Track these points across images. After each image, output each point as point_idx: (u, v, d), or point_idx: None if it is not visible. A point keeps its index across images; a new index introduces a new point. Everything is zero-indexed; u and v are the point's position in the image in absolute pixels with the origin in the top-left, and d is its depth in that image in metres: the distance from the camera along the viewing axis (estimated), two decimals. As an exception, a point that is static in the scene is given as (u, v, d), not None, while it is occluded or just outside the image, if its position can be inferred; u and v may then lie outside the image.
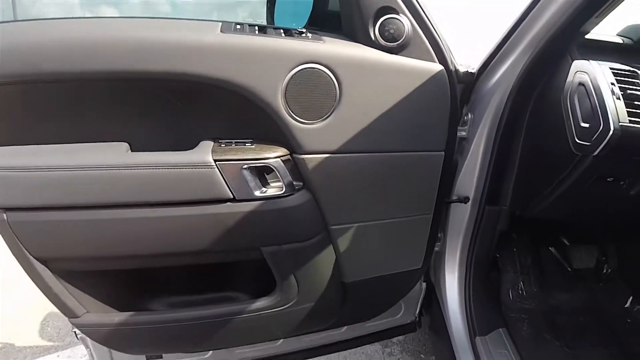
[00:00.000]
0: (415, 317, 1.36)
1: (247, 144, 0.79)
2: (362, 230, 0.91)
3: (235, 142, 0.80)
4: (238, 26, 0.76)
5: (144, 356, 1.15)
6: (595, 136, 0.78)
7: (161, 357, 1.15)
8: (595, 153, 0.79)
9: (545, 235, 1.40)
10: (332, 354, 1.70)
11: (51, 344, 1.94)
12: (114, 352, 1.13)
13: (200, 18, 0.79)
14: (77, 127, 0.77)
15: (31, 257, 0.78)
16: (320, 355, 1.52)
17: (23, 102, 0.73)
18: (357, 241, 0.92)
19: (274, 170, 0.78)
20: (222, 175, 0.75)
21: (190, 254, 0.84)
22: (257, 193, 0.78)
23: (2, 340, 2.01)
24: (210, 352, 1.16)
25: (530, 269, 1.34)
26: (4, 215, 0.73)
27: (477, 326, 1.10)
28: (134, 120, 0.79)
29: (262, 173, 0.78)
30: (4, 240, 0.77)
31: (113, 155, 0.75)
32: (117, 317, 0.89)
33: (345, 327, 1.27)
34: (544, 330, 1.19)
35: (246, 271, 1.06)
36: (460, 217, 1.07)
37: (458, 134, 0.94)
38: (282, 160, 0.79)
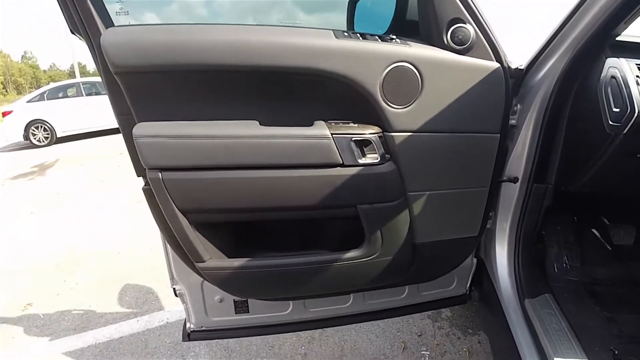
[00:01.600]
0: (466, 290, 1.49)
1: (348, 123, 0.97)
2: (431, 198, 1.08)
3: (342, 121, 0.97)
4: (345, 34, 0.94)
5: (233, 309, 1.32)
6: (624, 118, 0.94)
7: (248, 312, 1.32)
8: (625, 131, 0.95)
9: (586, 214, 1.49)
10: (390, 330, 1.85)
11: (130, 310, 2.15)
12: (208, 307, 1.31)
13: (237, 22, 0.93)
14: (219, 108, 0.94)
15: (176, 209, 0.96)
16: (382, 319, 1.67)
17: (181, 87, 0.91)
18: (427, 207, 1.08)
19: (371, 143, 0.96)
20: (336, 145, 0.93)
21: (303, 208, 1.02)
22: (359, 160, 0.95)
23: (83, 307, 2.23)
24: (290, 308, 1.34)
25: (573, 245, 1.44)
26: (160, 174, 0.90)
27: (525, 290, 1.23)
28: (263, 103, 0.96)
29: (362, 145, 0.96)
30: (156, 195, 0.94)
31: (250, 128, 0.92)
32: (233, 262, 1.07)
33: (404, 294, 1.41)
34: (585, 297, 1.29)
35: (336, 230, 1.22)
36: (510, 196, 1.21)
37: (509, 122, 1.10)
38: (378, 136, 0.97)
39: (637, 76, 0.96)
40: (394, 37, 0.95)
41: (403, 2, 0.98)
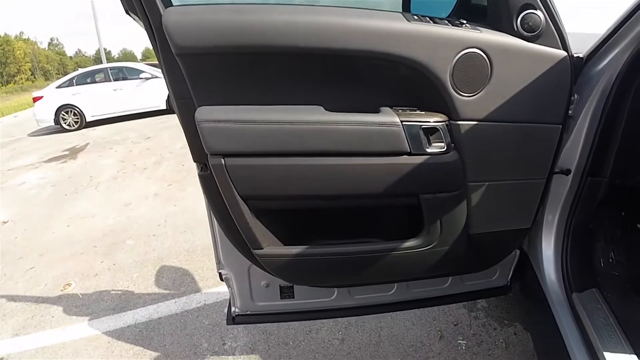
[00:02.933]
0: (508, 282, 1.45)
1: (414, 109, 0.94)
2: (489, 188, 1.04)
3: (408, 108, 0.94)
4: (415, 17, 0.89)
5: (279, 295, 1.31)
6: None
7: (293, 297, 1.32)
8: None
9: (635, 210, 1.44)
10: (426, 318, 1.82)
11: (167, 292, 2.18)
12: (254, 292, 1.31)
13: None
14: (282, 92, 0.91)
15: (237, 196, 0.94)
16: (425, 307, 1.64)
17: (244, 70, 0.88)
18: (484, 197, 1.05)
19: (438, 131, 0.92)
20: (405, 133, 0.89)
21: (366, 197, 0.99)
22: (427, 150, 0.92)
23: (121, 288, 2.28)
24: (335, 294, 1.32)
25: (620, 240, 1.39)
26: (222, 160, 0.89)
27: (573, 284, 1.19)
28: (328, 88, 0.93)
29: (429, 134, 0.92)
30: (218, 181, 0.92)
31: (315, 114, 0.89)
32: (290, 250, 1.05)
33: (448, 283, 1.39)
34: (631, 293, 1.25)
35: (390, 218, 1.19)
36: (561, 188, 1.16)
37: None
38: (445, 125, 0.93)
39: None
40: (464, 21, 0.90)
41: None
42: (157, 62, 0.97)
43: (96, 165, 5.22)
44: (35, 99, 8.29)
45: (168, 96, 6.89)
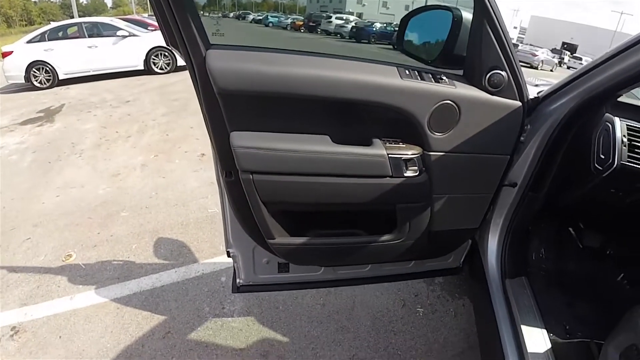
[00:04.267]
0: (460, 264, 1.79)
1: (399, 143, 1.20)
2: (449, 199, 1.33)
3: (393, 140, 1.20)
4: (407, 72, 1.13)
5: (277, 269, 1.60)
6: (605, 164, 1.21)
7: (288, 272, 1.60)
8: (604, 175, 1.21)
9: (567, 218, 1.77)
10: (392, 289, 2.16)
11: (167, 262, 2.40)
12: (256, 267, 1.57)
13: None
14: (298, 124, 1.14)
15: (260, 201, 1.19)
16: (393, 281, 1.99)
17: (270, 106, 1.10)
18: (444, 205, 1.34)
19: (413, 161, 1.19)
20: (389, 162, 1.16)
21: (356, 205, 1.27)
22: (404, 173, 1.19)
23: (122, 259, 2.47)
24: (322, 270, 1.62)
25: (551, 241, 1.72)
26: (251, 176, 1.13)
27: (507, 271, 1.53)
28: (334, 122, 1.18)
29: (407, 162, 1.19)
30: (246, 190, 1.16)
31: (323, 145, 1.14)
32: (296, 240, 1.33)
33: (412, 264, 1.71)
34: (553, 284, 1.59)
35: (372, 219, 1.47)
36: (508, 196, 1.46)
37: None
38: (420, 155, 1.20)
39: (624, 135, 1.20)
40: (444, 77, 1.15)
41: (452, 40, 1.13)
42: (134, 18, 1.14)
43: (76, 130, 5.16)
44: (4, 54, 7.81)
45: (146, 56, 6.72)
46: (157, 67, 8.71)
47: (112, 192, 3.36)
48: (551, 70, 23.34)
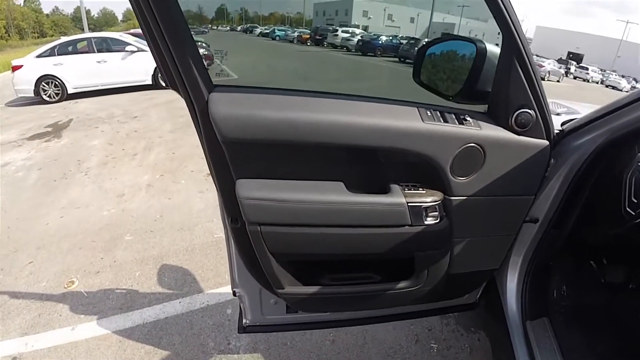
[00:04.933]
0: (476, 300, 1.70)
1: (419, 188, 1.13)
2: (470, 242, 1.26)
3: (412, 184, 1.13)
4: (429, 113, 1.05)
5: (285, 310, 1.51)
6: (638, 210, 1.09)
7: (297, 311, 1.52)
8: (636, 222, 1.11)
9: (589, 253, 1.68)
10: (405, 323, 2.06)
11: (171, 292, 2.33)
12: (263, 307, 1.49)
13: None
14: (309, 169, 1.07)
15: (267, 251, 1.12)
16: (407, 319, 1.89)
17: (278, 152, 1.03)
18: (464, 248, 1.27)
19: (435, 207, 1.11)
20: (408, 211, 1.08)
21: (372, 255, 1.20)
22: (424, 221, 1.11)
23: (125, 287, 2.40)
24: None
25: (573, 277, 1.63)
26: (259, 227, 1.06)
27: (528, 312, 1.44)
28: (348, 168, 1.11)
29: (427, 210, 1.11)
30: (253, 241, 1.08)
31: (336, 194, 1.06)
32: (308, 289, 1.25)
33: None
34: (575, 323, 1.50)
35: (390, 266, 1.39)
36: (529, 233, 1.37)
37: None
38: (441, 202, 1.12)
39: None
40: (468, 117, 1.08)
41: (475, 75, 1.05)
42: (141, 32, 1.08)
43: (83, 146, 5.15)
44: (14, 68, 7.92)
45: (154, 71, 6.73)
46: (164, 82, 8.76)
47: (116, 213, 3.31)
48: (558, 81, 23.18)
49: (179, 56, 0.89)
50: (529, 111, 1.06)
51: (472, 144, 1.06)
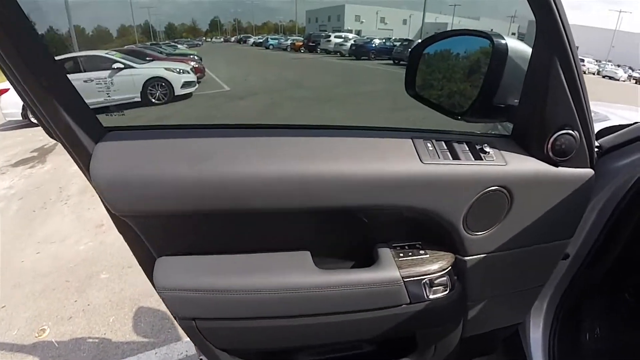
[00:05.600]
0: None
1: (418, 249, 0.82)
2: (488, 302, 0.96)
3: (408, 245, 0.82)
4: (429, 145, 0.74)
5: None
6: None
7: None
8: None
9: (620, 282, 1.40)
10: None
11: (147, 340, 2.04)
12: None
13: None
14: (257, 239, 0.78)
15: (210, 345, 0.82)
16: None
17: (207, 223, 0.74)
18: (481, 309, 0.97)
19: (442, 277, 0.81)
20: (406, 289, 0.78)
21: (360, 342, 0.92)
22: (428, 296, 0.81)
23: (98, 335, 2.12)
24: None
25: (607, 314, 1.35)
26: (194, 322, 0.77)
27: None
28: (316, 232, 0.80)
29: (432, 283, 0.81)
30: (191, 338, 0.81)
31: (300, 272, 0.75)
32: None
33: None
34: None
35: (383, 345, 1.10)
36: (557, 272, 1.07)
37: None
38: (450, 267, 0.81)
39: None
40: (487, 147, 0.77)
41: (493, 82, 0.75)
42: (130, 49, 0.76)
43: (65, 172, 4.88)
44: (1, 92, 7.74)
45: (143, 87, 6.40)
46: (154, 98, 8.53)
47: (93, 247, 3.03)
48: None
49: (42, 95, 0.61)
50: (572, 133, 0.76)
51: (495, 187, 0.76)
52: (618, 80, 28.30)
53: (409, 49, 1.04)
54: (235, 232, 0.77)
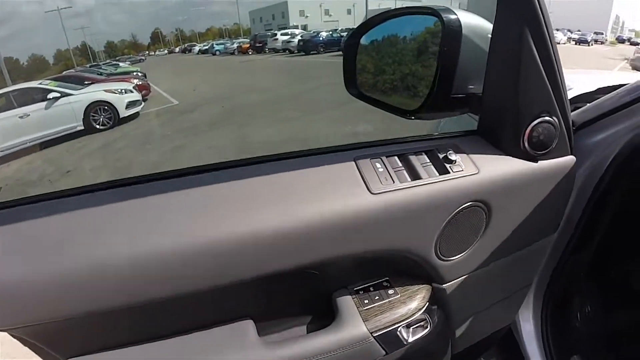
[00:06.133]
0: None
1: (386, 288, 0.68)
2: (474, 317, 0.87)
3: (373, 286, 0.67)
4: (378, 165, 0.58)
5: None
6: None
7: None
8: None
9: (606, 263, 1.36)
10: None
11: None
12: None
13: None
14: (180, 315, 0.60)
15: None
16: None
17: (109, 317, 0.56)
18: (468, 326, 0.87)
19: (419, 315, 0.67)
20: (379, 344, 0.63)
21: None
22: (407, 340, 0.67)
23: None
24: None
25: (596, 291, 1.29)
26: None
27: (554, 355, 1.10)
28: (255, 296, 0.64)
29: (409, 326, 0.67)
30: None
31: (239, 350, 0.58)
32: None
33: None
34: (608, 345, 1.18)
35: None
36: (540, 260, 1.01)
37: None
38: (427, 302, 0.68)
39: None
40: (452, 153, 0.61)
41: (448, 70, 0.60)
42: (67, 74, 0.56)
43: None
44: None
45: (84, 114, 6.00)
46: (98, 124, 8.02)
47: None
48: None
49: None
50: (551, 119, 0.62)
51: (469, 203, 0.61)
52: (559, 43, 29.77)
53: (345, 41, 0.88)
54: (154, 316, 0.60)
